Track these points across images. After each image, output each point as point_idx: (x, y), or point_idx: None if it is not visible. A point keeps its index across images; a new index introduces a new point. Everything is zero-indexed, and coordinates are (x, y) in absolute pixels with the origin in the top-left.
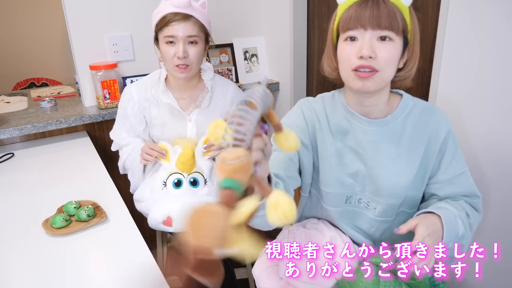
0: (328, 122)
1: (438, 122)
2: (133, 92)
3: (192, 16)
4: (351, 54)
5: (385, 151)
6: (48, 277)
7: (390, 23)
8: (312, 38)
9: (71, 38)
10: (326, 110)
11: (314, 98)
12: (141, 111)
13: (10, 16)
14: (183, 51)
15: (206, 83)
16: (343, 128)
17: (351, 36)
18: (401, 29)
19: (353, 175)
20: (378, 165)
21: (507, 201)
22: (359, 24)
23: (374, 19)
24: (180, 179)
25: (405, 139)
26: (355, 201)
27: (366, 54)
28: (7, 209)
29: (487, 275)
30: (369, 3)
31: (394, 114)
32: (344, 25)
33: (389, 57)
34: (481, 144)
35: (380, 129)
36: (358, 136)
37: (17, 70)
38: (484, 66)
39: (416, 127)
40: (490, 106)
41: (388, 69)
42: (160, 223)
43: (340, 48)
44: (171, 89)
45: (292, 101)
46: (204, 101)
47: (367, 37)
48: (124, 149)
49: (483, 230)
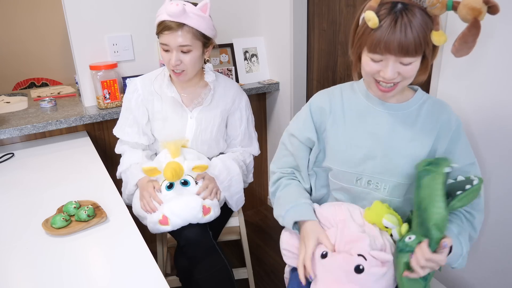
0: (343, 109)
1: (449, 114)
2: (138, 85)
3: (185, 24)
4: (374, 69)
5: (400, 133)
6: (48, 277)
7: (415, 50)
8: (312, 38)
9: (71, 38)
10: (343, 97)
11: (331, 88)
12: (145, 103)
13: (10, 16)
14: (176, 59)
15: (209, 83)
16: (361, 110)
17: (376, 60)
18: (423, 50)
19: (365, 156)
20: (394, 144)
21: (508, 200)
22: (386, 51)
23: (402, 48)
24: (172, 182)
25: (419, 124)
26: (365, 183)
27: (390, 78)
28: (7, 209)
29: (487, 275)
30: (397, 26)
31: (410, 102)
32: (372, 48)
33: (410, 73)
34: (482, 141)
35: (397, 112)
36: (375, 118)
37: (17, 70)
38: (484, 64)
39: (429, 115)
40: (491, 103)
41: (408, 80)
42: (157, 223)
43: (365, 60)
44: (174, 84)
45: (292, 101)
46: (206, 99)
47: (391, 62)
48: (126, 155)
49: (483, 230)
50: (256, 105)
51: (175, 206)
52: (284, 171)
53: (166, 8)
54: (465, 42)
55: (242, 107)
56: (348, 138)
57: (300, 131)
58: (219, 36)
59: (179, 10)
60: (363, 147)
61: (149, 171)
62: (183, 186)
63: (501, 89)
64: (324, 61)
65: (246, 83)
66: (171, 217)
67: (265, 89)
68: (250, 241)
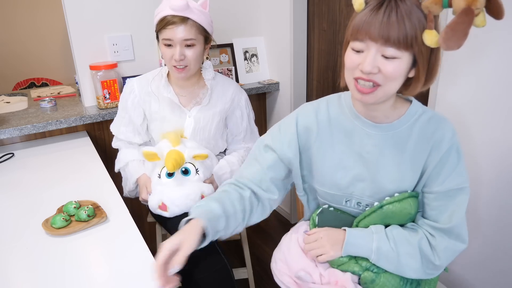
0: (330, 126)
1: (444, 133)
2: (135, 85)
3: (189, 18)
4: (355, 62)
5: (389, 156)
6: (48, 277)
7: (398, 39)
8: (312, 38)
9: (71, 38)
10: (330, 114)
11: (318, 102)
12: (141, 104)
13: (10, 16)
14: (180, 54)
15: (206, 82)
16: (348, 130)
17: (357, 50)
18: (409, 46)
19: (354, 179)
20: (381, 169)
21: (508, 200)
22: (366, 34)
23: (383, 32)
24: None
25: (410, 146)
26: (354, 204)
27: (367, 70)
28: (7, 209)
29: (487, 275)
30: (382, 8)
31: (401, 120)
32: (352, 34)
33: (393, 73)
34: (482, 147)
35: (385, 133)
36: (363, 139)
37: (17, 70)
38: (484, 69)
39: (422, 135)
40: (491, 110)
41: (391, 83)
42: (156, 208)
43: (347, 55)
44: (172, 85)
45: (292, 101)
46: (205, 98)
47: (372, 52)
48: (122, 152)
49: (483, 231)
50: (256, 105)
51: (175, 196)
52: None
53: (170, 3)
54: (453, 31)
55: (242, 105)
56: (336, 160)
57: (283, 151)
58: (219, 36)
59: (183, 4)
60: (352, 169)
61: (148, 155)
62: (184, 175)
63: (501, 93)
64: (324, 61)
65: (246, 83)
66: (170, 206)
67: (265, 89)
68: (250, 241)
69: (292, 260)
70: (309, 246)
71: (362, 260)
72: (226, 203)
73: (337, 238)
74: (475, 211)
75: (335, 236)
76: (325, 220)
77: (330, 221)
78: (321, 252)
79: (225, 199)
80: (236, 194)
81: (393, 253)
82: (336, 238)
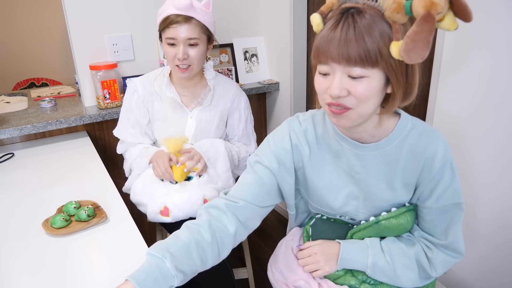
0: (319, 146)
1: (436, 149)
2: (138, 85)
3: (193, 18)
4: (323, 86)
5: (380, 175)
6: (48, 277)
7: (360, 57)
8: (312, 38)
9: (71, 38)
10: (316, 133)
11: (304, 117)
12: (145, 104)
13: (10, 16)
14: (183, 53)
15: (208, 82)
16: (335, 151)
17: (323, 73)
18: (375, 62)
19: (347, 198)
20: (372, 188)
21: (508, 201)
22: (327, 55)
23: (343, 51)
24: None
25: (401, 164)
26: (348, 219)
27: (335, 95)
28: (7, 209)
29: (487, 275)
30: (339, 25)
31: (389, 138)
32: (315, 56)
33: (363, 94)
34: (482, 148)
35: (373, 153)
36: (350, 160)
37: (17, 70)
38: (483, 76)
39: (413, 151)
40: (489, 116)
41: (365, 105)
42: (157, 213)
43: (315, 79)
44: (174, 85)
45: (292, 101)
46: (206, 99)
47: (338, 75)
48: (131, 150)
49: (484, 231)
50: (256, 105)
51: (178, 199)
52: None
53: (174, 2)
54: (413, 41)
55: (241, 107)
56: (328, 181)
57: (279, 172)
58: (219, 36)
59: (188, 4)
60: (344, 188)
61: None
62: (186, 180)
63: (500, 99)
64: None
65: (246, 83)
66: (173, 209)
67: (265, 89)
68: (250, 241)
69: (289, 270)
70: (303, 261)
71: (358, 273)
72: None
73: (331, 253)
74: (475, 212)
75: (329, 250)
76: (319, 230)
77: (323, 232)
78: (315, 268)
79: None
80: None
81: (389, 266)
82: (331, 253)
